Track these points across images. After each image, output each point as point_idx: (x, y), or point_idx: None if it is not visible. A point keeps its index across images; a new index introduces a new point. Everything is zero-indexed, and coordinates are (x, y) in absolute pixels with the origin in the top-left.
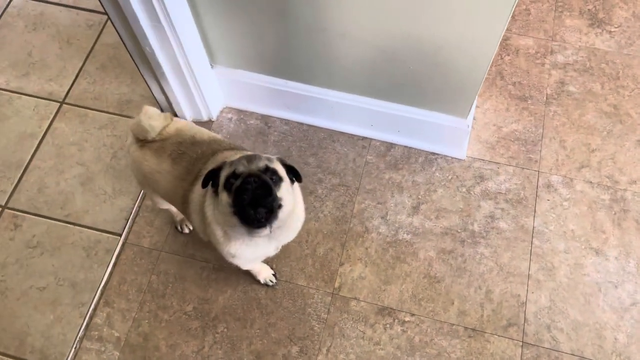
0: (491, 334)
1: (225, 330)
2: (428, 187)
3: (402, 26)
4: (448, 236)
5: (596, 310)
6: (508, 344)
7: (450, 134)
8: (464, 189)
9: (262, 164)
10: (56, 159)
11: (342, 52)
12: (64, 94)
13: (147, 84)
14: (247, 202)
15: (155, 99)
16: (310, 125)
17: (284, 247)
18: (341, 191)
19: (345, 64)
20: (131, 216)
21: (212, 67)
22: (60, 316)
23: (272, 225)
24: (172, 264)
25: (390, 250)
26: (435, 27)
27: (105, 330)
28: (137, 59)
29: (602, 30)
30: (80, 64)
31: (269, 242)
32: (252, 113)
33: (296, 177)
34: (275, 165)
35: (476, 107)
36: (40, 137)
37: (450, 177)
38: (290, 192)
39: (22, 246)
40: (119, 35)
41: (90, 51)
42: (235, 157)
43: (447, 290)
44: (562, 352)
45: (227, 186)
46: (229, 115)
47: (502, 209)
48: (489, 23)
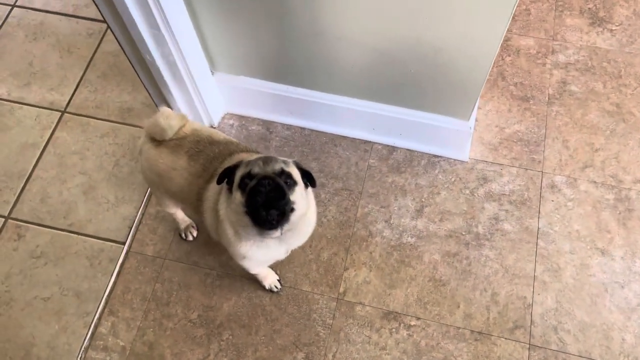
0: (498, 336)
1: (230, 337)
2: (431, 190)
3: (401, 28)
4: (452, 239)
5: (603, 311)
6: (515, 346)
7: (453, 136)
8: (467, 191)
9: (277, 166)
10: (58, 169)
11: (342, 55)
12: (65, 103)
13: (148, 92)
14: (260, 204)
15: (157, 106)
16: (312, 130)
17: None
18: (344, 195)
19: (345, 67)
20: (134, 224)
21: (212, 73)
22: (65, 326)
23: (283, 227)
24: (176, 271)
25: (394, 254)
26: (435, 29)
27: (110, 339)
28: (137, 66)
29: (603, 29)
30: (81, 72)
31: (279, 245)
32: (253, 119)
33: (310, 182)
34: (290, 169)
35: (478, 108)
36: (42, 147)
37: (453, 180)
38: (304, 196)
39: (26, 256)
40: (118, 44)
41: (91, 60)
42: (251, 158)
43: (453, 294)
44: (570, 354)
45: (242, 186)
46: (231, 122)
47: (506, 211)
48: (489, 24)
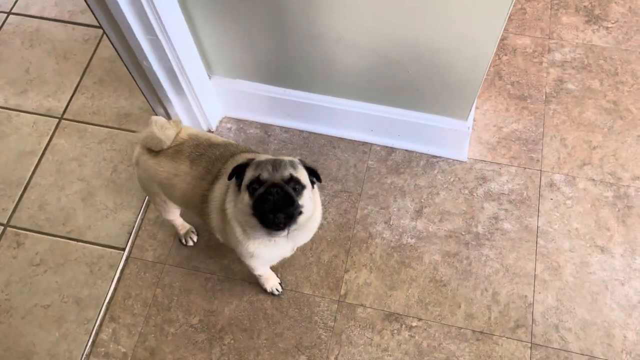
0: (499, 336)
1: (232, 341)
2: (430, 191)
3: (398, 30)
4: (452, 239)
5: (604, 309)
6: (517, 345)
7: (451, 137)
8: (466, 191)
9: (286, 173)
10: (56, 175)
11: (339, 57)
12: (62, 109)
13: (145, 97)
14: (268, 210)
15: (154, 111)
16: (311, 132)
17: (284, 258)
18: (343, 197)
19: (342, 69)
20: (134, 230)
21: (209, 77)
22: (66, 333)
23: (290, 228)
24: (176, 276)
25: (395, 255)
26: (432, 30)
27: (111, 346)
28: (134, 72)
29: (599, 27)
30: (78, 79)
31: (286, 242)
32: (251, 122)
33: (317, 178)
34: (298, 174)
35: (476, 108)
36: (40, 154)
37: (452, 180)
38: (311, 197)
39: (26, 264)
40: (115, 50)
41: (87, 66)
42: (260, 157)
43: (454, 294)
44: (571, 352)
45: (251, 190)
46: (229, 125)
47: (506, 210)
48: (486, 24)
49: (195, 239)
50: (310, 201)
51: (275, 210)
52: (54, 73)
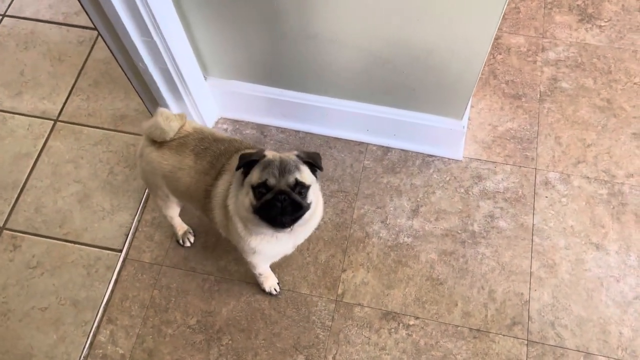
0: (496, 333)
1: (230, 342)
2: (426, 190)
3: (392, 30)
4: (448, 237)
5: (599, 305)
6: (513, 343)
7: (446, 136)
8: (462, 190)
9: (292, 179)
10: (52, 178)
11: (334, 58)
12: (57, 111)
13: (141, 98)
14: (275, 215)
15: (150, 112)
16: (307, 133)
17: (285, 256)
18: (340, 197)
19: (338, 70)
20: (130, 232)
21: (205, 79)
22: (64, 336)
23: (295, 225)
24: (173, 278)
25: (391, 255)
26: (426, 30)
27: (109, 347)
28: (129, 73)
29: (592, 25)
30: (73, 80)
31: (288, 239)
32: (247, 123)
33: (318, 167)
34: (303, 177)
35: (471, 107)
36: (35, 157)
37: (448, 179)
38: (316, 193)
39: (22, 267)
40: (110, 51)
41: (82, 68)
42: (268, 155)
43: (450, 292)
44: (568, 349)
45: (257, 194)
46: (225, 126)
47: (501, 208)
48: (480, 23)
49: (192, 239)
50: (314, 197)
51: (282, 214)
52: (49, 75)
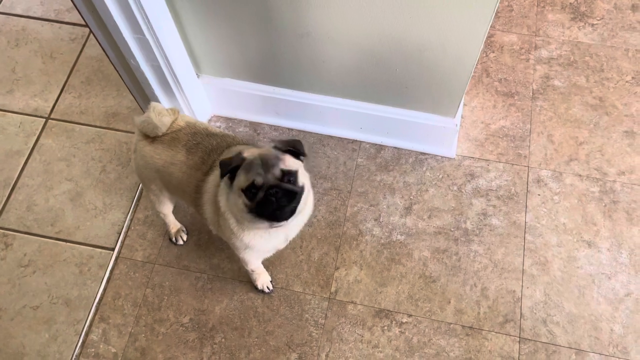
0: (488, 330)
1: (223, 340)
2: (419, 187)
3: (385, 28)
4: (441, 235)
5: (591, 303)
6: (505, 340)
7: (439, 134)
8: (455, 188)
9: (277, 171)
10: (44, 176)
11: (327, 56)
12: (49, 109)
13: (134, 96)
14: (273, 210)
15: (142, 110)
16: (300, 131)
17: (278, 253)
18: (333, 195)
19: (331, 68)
20: (123, 230)
21: (198, 76)
22: (56, 335)
23: (296, 212)
24: (166, 276)
25: (384, 252)
26: (418, 28)
27: (101, 346)
28: (121, 71)
29: (585, 24)
30: (65, 78)
31: (281, 232)
32: (240, 120)
33: (301, 153)
34: (287, 164)
35: (464, 105)
36: (27, 154)
37: (441, 177)
38: (304, 173)
39: (14, 265)
40: (102, 49)
41: (74, 65)
42: (246, 148)
43: (443, 290)
44: (559, 346)
45: (249, 196)
46: (217, 124)
47: (494, 206)
48: (472, 22)
49: (185, 237)
50: (305, 178)
51: (279, 207)
52: (41, 72)
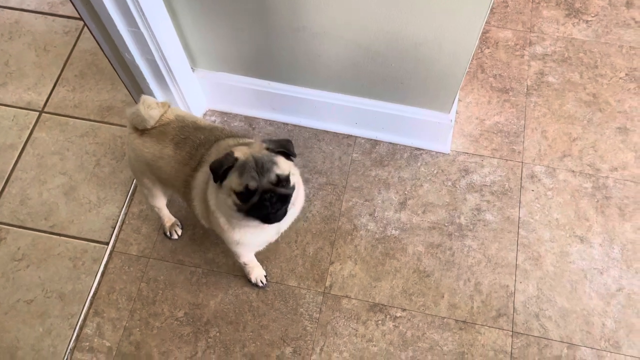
0: (481, 325)
1: (217, 334)
2: (414, 183)
3: (380, 23)
4: (436, 230)
5: (583, 297)
6: (498, 334)
7: (434, 129)
8: (449, 183)
9: (272, 176)
10: (38, 170)
11: (323, 50)
12: (42, 102)
13: (128, 90)
14: (267, 214)
15: (137, 104)
16: (295, 125)
17: (273, 248)
18: (328, 190)
19: (326, 62)
20: (117, 224)
21: (193, 70)
22: (50, 328)
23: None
24: (161, 270)
25: (379, 247)
26: (414, 23)
27: (96, 340)
28: (116, 64)
29: (579, 20)
30: (59, 71)
31: (272, 226)
32: (235, 115)
33: (291, 154)
34: (282, 169)
35: (458, 100)
36: (20, 148)
37: (435, 172)
38: (296, 176)
39: (8, 259)
40: (96, 42)
41: (68, 58)
42: (236, 148)
43: (437, 284)
44: (552, 340)
45: (242, 198)
46: (212, 118)
47: (488, 201)
48: (468, 17)
49: (179, 232)
50: (297, 178)
51: (274, 210)
52: (34, 65)
